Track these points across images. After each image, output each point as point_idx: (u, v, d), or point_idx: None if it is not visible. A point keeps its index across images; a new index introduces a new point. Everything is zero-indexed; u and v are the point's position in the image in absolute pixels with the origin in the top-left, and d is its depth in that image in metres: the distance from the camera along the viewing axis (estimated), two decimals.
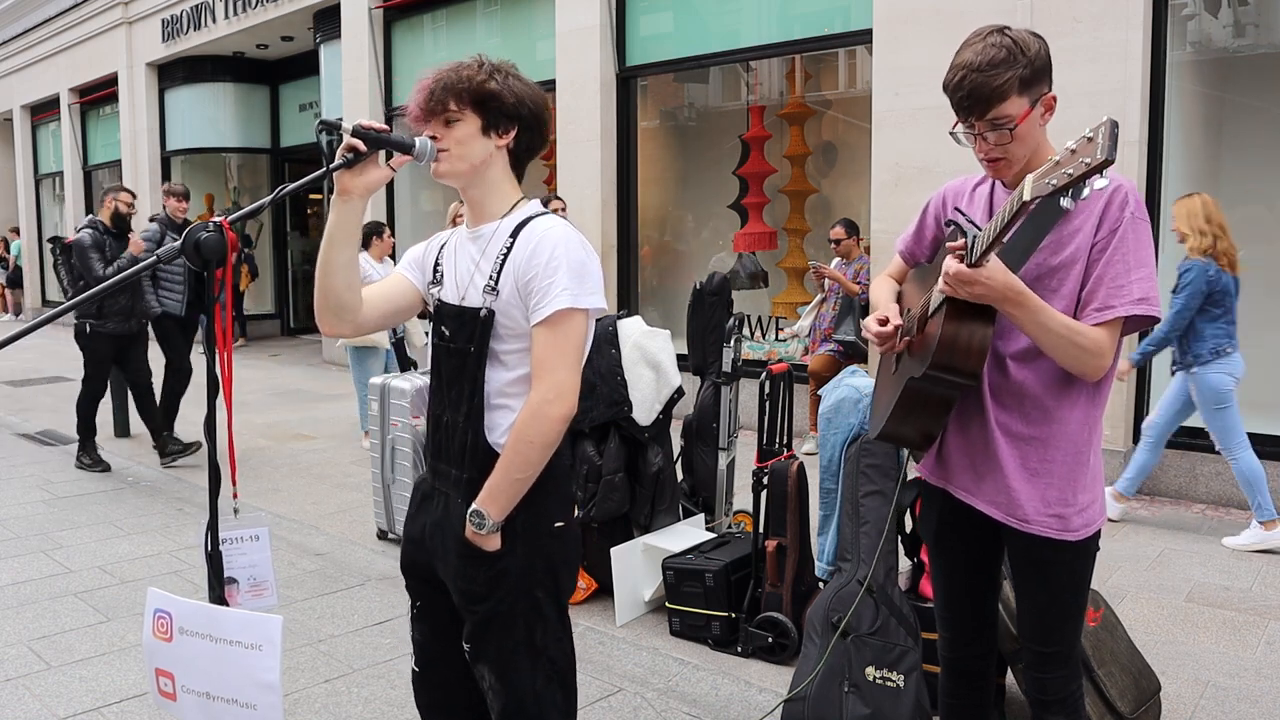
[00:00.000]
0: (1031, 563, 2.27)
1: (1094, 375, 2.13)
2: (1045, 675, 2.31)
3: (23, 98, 21.16)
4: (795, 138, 9.81)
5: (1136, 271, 2.07)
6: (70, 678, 3.84)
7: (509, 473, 2.06)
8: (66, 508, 6.25)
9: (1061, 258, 2.13)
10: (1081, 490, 2.19)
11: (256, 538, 2.41)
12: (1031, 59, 2.09)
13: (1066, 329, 2.07)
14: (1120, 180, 2.12)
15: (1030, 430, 2.18)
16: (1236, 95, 7.19)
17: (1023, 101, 2.10)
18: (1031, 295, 2.06)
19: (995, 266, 2.02)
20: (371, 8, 11.96)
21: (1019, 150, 2.14)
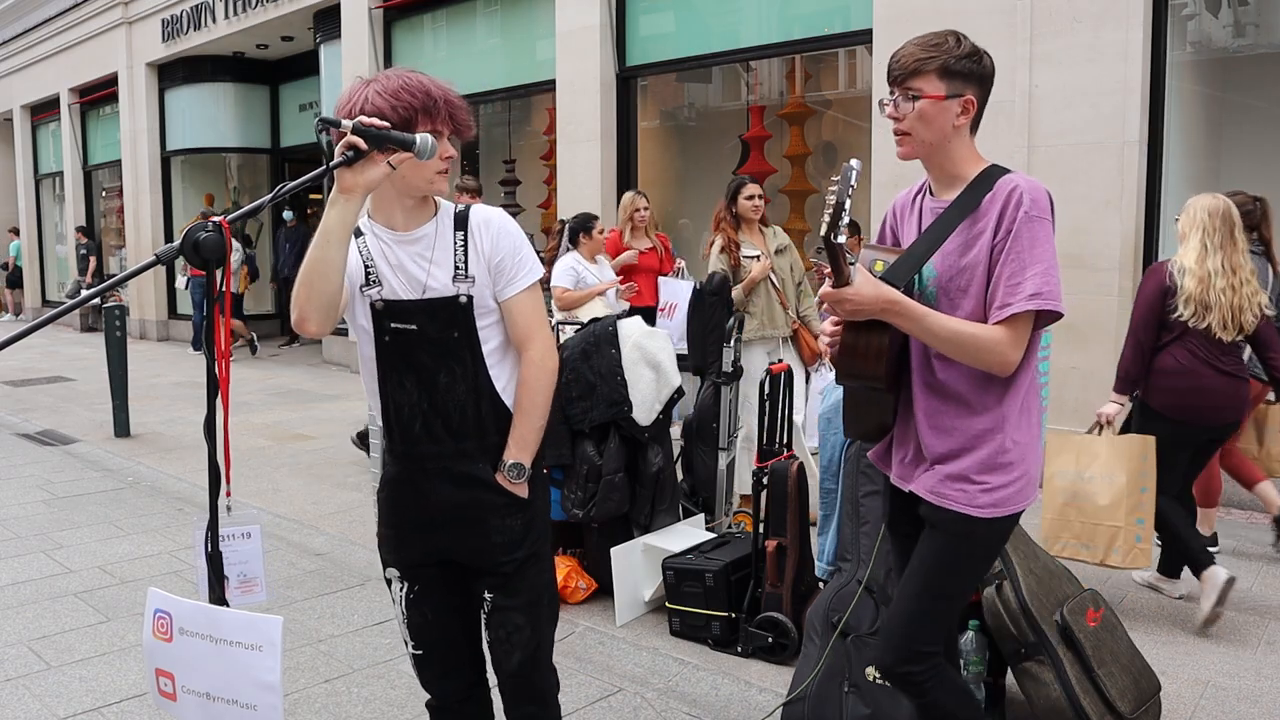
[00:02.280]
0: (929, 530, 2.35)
1: (1002, 371, 2.22)
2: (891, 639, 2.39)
3: (23, 98, 21.15)
4: (795, 138, 9.81)
5: (1032, 268, 2.16)
6: (70, 678, 3.84)
7: (532, 424, 2.34)
8: (66, 508, 6.25)
9: (968, 259, 2.25)
10: (992, 473, 2.26)
11: (248, 535, 2.41)
12: (963, 55, 2.26)
13: (953, 332, 2.19)
14: (1018, 180, 2.24)
15: (952, 421, 2.29)
16: (1236, 95, 7.19)
17: (939, 85, 2.26)
18: (910, 305, 2.19)
19: (862, 283, 2.17)
20: (371, 8, 11.96)
21: (922, 131, 2.29)
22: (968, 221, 2.26)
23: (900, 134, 2.33)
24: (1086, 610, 3.32)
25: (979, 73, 2.29)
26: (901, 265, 2.27)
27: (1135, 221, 6.20)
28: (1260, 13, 6.76)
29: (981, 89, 2.30)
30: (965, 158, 2.33)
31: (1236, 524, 5.75)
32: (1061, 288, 2.21)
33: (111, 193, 19.31)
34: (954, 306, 2.27)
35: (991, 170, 2.30)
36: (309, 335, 2.28)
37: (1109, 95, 6.15)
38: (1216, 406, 4.29)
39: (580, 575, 4.58)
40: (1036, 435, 2.33)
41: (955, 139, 2.30)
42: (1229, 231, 4.23)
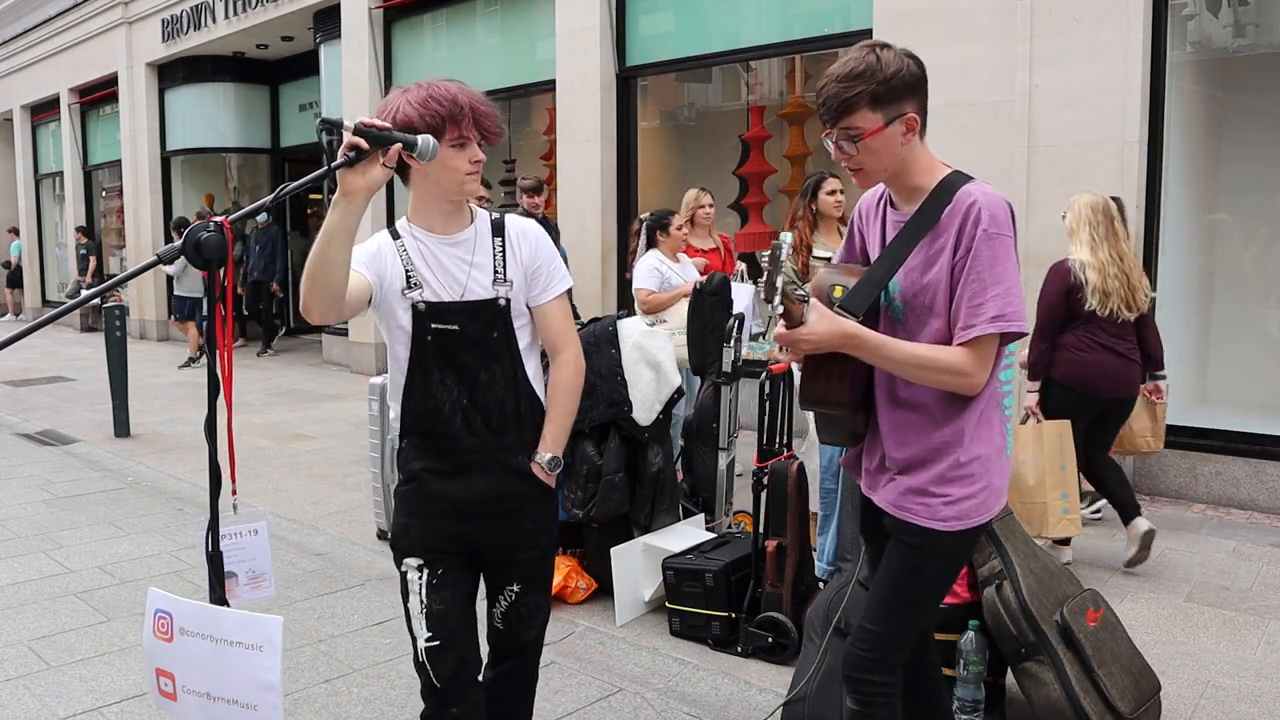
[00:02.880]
0: (894, 542, 2.34)
1: (969, 392, 2.19)
2: (854, 647, 2.36)
3: (23, 98, 21.14)
4: (795, 138, 9.80)
5: (993, 289, 2.12)
6: (70, 678, 3.84)
7: (566, 420, 2.53)
8: (66, 508, 6.26)
9: (929, 276, 2.21)
10: (952, 485, 2.24)
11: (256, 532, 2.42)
12: (887, 78, 2.16)
13: (916, 358, 2.17)
14: (976, 193, 2.18)
15: (914, 433, 2.27)
16: (1237, 95, 7.19)
17: (875, 116, 2.18)
18: (868, 336, 2.17)
19: (817, 321, 2.15)
20: (371, 8, 11.95)
21: (873, 163, 2.23)
22: (928, 238, 2.22)
23: (852, 170, 2.28)
24: (1086, 610, 3.32)
25: (911, 84, 2.22)
26: (860, 292, 2.24)
27: (1135, 221, 6.19)
28: (1260, 13, 6.76)
29: (918, 98, 2.24)
30: (922, 168, 2.28)
31: (1236, 524, 5.75)
32: (1024, 304, 2.17)
33: (111, 193, 19.31)
34: (921, 323, 2.24)
35: (950, 180, 2.25)
36: (313, 322, 2.32)
37: (1109, 95, 6.15)
38: (1109, 379, 4.80)
39: (580, 575, 4.58)
40: (999, 446, 2.30)
41: (908, 154, 2.26)
42: (1110, 224, 4.78)
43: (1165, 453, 6.28)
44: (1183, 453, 6.27)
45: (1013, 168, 6.50)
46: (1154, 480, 6.35)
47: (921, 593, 2.34)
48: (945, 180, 2.25)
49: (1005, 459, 2.32)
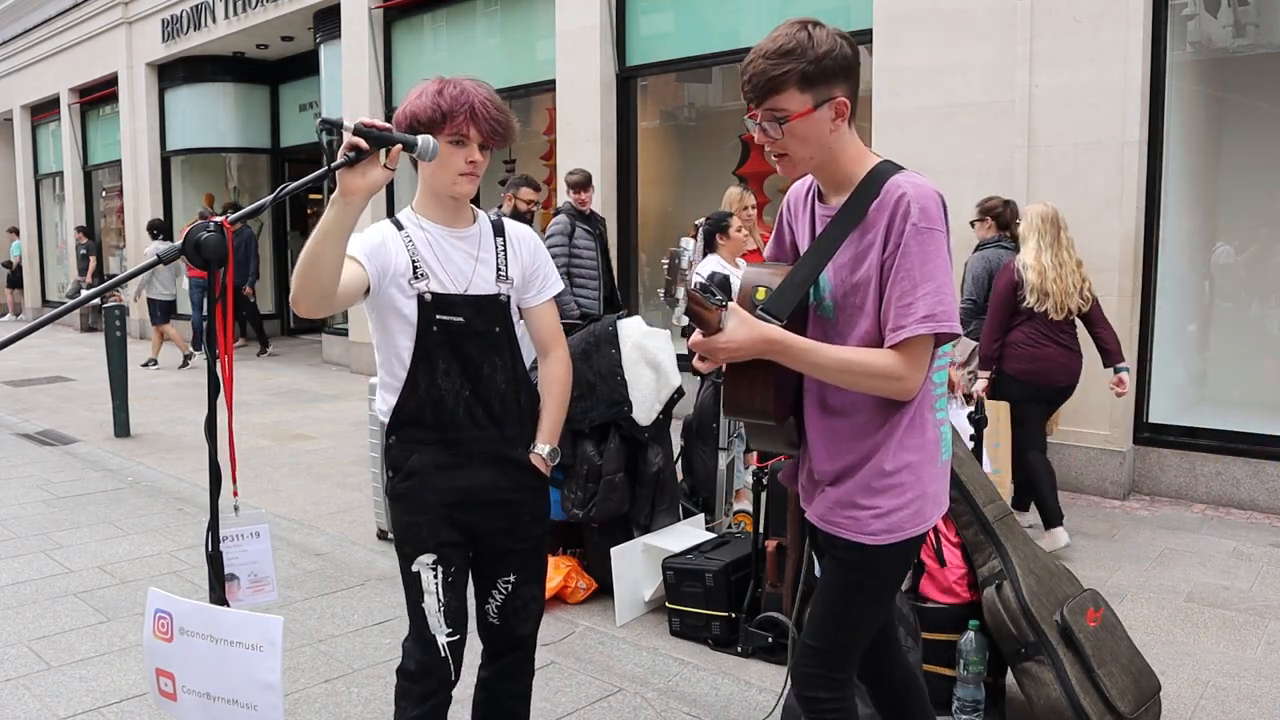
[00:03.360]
0: (829, 557, 2.25)
1: (902, 397, 2.06)
2: (800, 664, 2.27)
3: (23, 98, 21.15)
4: None
5: (923, 287, 1.98)
6: (70, 678, 3.84)
7: (561, 413, 2.63)
8: (66, 508, 6.25)
9: (859, 275, 2.07)
10: (880, 496, 2.11)
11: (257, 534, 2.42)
12: (818, 57, 2.00)
13: (844, 363, 2.03)
14: (905, 185, 2.03)
15: (843, 442, 2.15)
16: (1236, 95, 7.20)
17: (804, 98, 2.03)
18: (792, 342, 2.02)
19: (736, 327, 1.99)
20: (371, 8, 11.95)
21: (799, 150, 2.09)
22: (856, 233, 2.07)
23: (776, 156, 2.13)
24: (1086, 610, 3.32)
25: (843, 66, 2.04)
26: (783, 294, 2.09)
27: (1135, 221, 6.20)
28: (1260, 13, 6.76)
29: (849, 82, 2.07)
30: (851, 158, 2.12)
31: (1236, 524, 5.75)
32: (956, 303, 2.03)
33: (111, 193, 19.32)
34: (851, 324, 2.11)
35: (879, 171, 2.09)
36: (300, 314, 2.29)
37: (1109, 95, 6.16)
38: (1056, 368, 5.29)
39: (580, 575, 4.58)
40: (932, 452, 2.15)
41: (838, 141, 2.09)
42: (1056, 233, 5.24)
43: (1165, 452, 6.30)
44: (1182, 453, 6.28)
45: (1013, 168, 6.51)
46: (1154, 480, 6.35)
47: (860, 609, 2.22)
48: (874, 171, 2.09)
49: (941, 464, 2.18)
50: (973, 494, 3.49)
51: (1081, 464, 6.37)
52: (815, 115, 2.04)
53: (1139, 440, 6.40)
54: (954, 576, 3.50)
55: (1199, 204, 7.11)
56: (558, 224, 6.97)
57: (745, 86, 2.08)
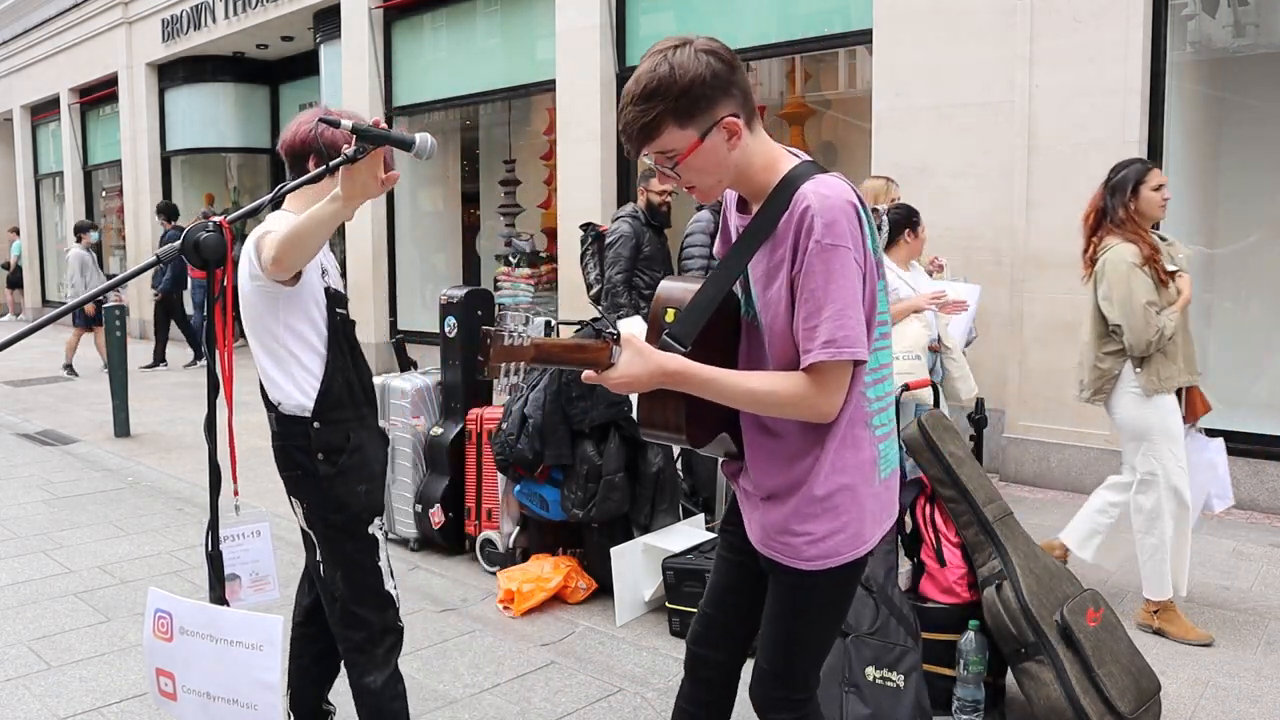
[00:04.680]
0: (772, 581, 2.16)
1: (821, 420, 1.96)
2: (756, 687, 2.22)
3: (23, 98, 21.14)
4: (795, 138, 9.82)
5: (826, 309, 1.87)
6: (70, 678, 3.84)
7: None
8: (67, 508, 6.26)
9: (771, 292, 1.98)
10: (812, 521, 2.02)
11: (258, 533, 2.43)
12: (685, 89, 1.88)
13: (749, 392, 1.94)
14: (810, 196, 1.90)
15: (777, 462, 2.06)
16: (1236, 95, 7.19)
17: (686, 134, 1.91)
18: (694, 372, 1.92)
19: (630, 361, 1.90)
20: (371, 7, 11.95)
21: (704, 179, 1.98)
22: (767, 247, 1.97)
23: (687, 188, 2.02)
24: (1086, 610, 3.32)
25: (718, 85, 1.91)
26: (687, 320, 1.98)
27: None
28: (1260, 13, 6.76)
29: (732, 96, 1.93)
30: (760, 167, 1.99)
31: (1237, 524, 5.75)
32: (861, 326, 1.91)
33: (111, 193, 19.31)
34: (772, 338, 2.02)
35: (790, 179, 1.96)
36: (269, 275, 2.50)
37: (1109, 95, 6.16)
38: None
39: (580, 575, 4.58)
40: (868, 473, 2.04)
41: (742, 158, 1.97)
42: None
43: None
44: None
45: (1012, 168, 6.51)
46: None
47: (806, 631, 2.15)
48: (786, 178, 1.97)
49: (880, 483, 2.07)
50: (973, 494, 3.49)
51: (1082, 464, 6.37)
52: (705, 145, 1.93)
53: None
54: (954, 576, 3.50)
55: (1198, 204, 7.10)
56: (699, 221, 6.26)
57: (623, 137, 1.98)
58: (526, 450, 4.50)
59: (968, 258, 6.74)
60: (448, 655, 3.97)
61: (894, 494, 2.14)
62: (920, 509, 3.65)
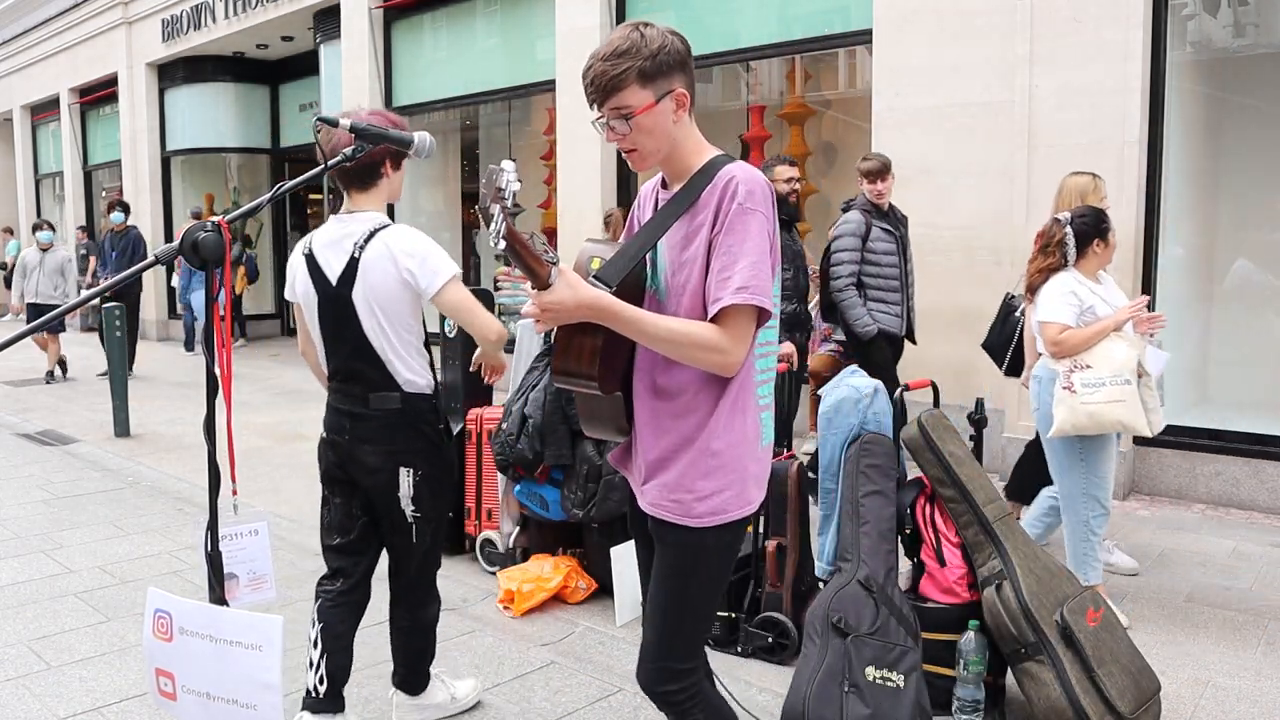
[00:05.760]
0: (658, 543, 2.28)
1: (726, 371, 2.11)
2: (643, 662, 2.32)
3: (23, 97, 21.16)
4: (795, 138, 9.81)
5: (741, 261, 2.06)
6: (70, 678, 3.84)
7: None
8: (67, 508, 6.25)
9: (688, 253, 2.15)
10: (703, 478, 2.16)
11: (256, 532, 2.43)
12: (654, 53, 2.11)
13: (669, 331, 2.08)
14: (735, 170, 2.13)
15: (667, 423, 2.19)
16: (1236, 95, 7.20)
17: (645, 94, 2.13)
18: (618, 307, 2.07)
19: (563, 288, 2.03)
20: (371, 7, 11.96)
21: (647, 143, 2.17)
22: (688, 214, 2.16)
23: (626, 151, 2.21)
24: (1086, 610, 3.32)
25: (677, 60, 2.15)
26: (615, 263, 2.15)
27: (1135, 222, 6.20)
28: (1260, 13, 6.77)
29: (685, 75, 2.18)
30: (690, 149, 2.22)
31: (1236, 524, 5.75)
32: (770, 283, 2.11)
33: (111, 192, 19.30)
34: (679, 303, 2.17)
35: (715, 160, 2.19)
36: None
37: (1109, 95, 6.16)
38: None
39: (580, 575, 4.58)
40: (753, 436, 2.21)
41: (680, 131, 2.20)
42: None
43: (1165, 452, 6.29)
44: (1183, 452, 6.27)
45: (1013, 168, 6.51)
46: (1154, 480, 6.35)
47: (694, 594, 2.27)
48: (711, 161, 2.19)
49: (763, 448, 2.24)
50: (972, 494, 3.49)
51: None
52: (658, 108, 2.14)
53: (1138, 440, 6.40)
54: (954, 576, 3.50)
55: (1199, 204, 7.11)
56: (848, 223, 5.80)
57: (589, 89, 2.18)
58: (526, 450, 4.50)
59: (968, 258, 6.75)
60: (448, 655, 3.97)
61: (768, 466, 2.30)
62: (920, 509, 3.65)
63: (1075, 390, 4.03)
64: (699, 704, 2.30)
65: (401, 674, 3.42)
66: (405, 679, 3.41)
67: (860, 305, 5.77)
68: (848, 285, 5.79)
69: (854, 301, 5.77)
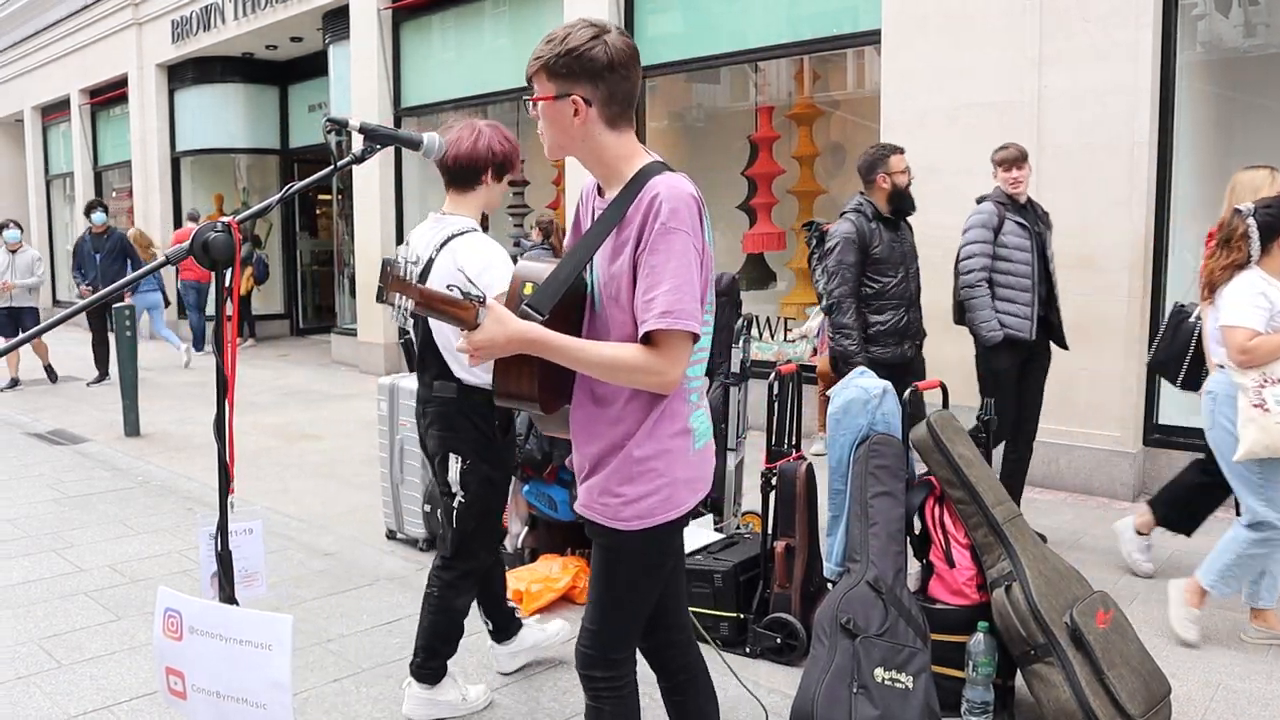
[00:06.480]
0: (594, 545, 2.35)
1: (663, 390, 2.15)
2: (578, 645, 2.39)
3: (34, 99, 21.24)
4: (804, 138, 9.80)
5: (664, 284, 2.06)
6: (81, 676, 3.85)
7: None
8: (77, 507, 6.28)
9: (616, 265, 2.16)
10: (628, 483, 2.20)
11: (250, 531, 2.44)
12: (564, 53, 2.13)
13: (601, 360, 2.12)
14: (660, 186, 2.11)
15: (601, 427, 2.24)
16: (1247, 95, 7.17)
17: (549, 85, 2.18)
18: (552, 340, 2.09)
19: (491, 325, 2.06)
20: (380, 8, 11.98)
21: (549, 132, 2.22)
22: (616, 229, 2.16)
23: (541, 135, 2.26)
24: (1096, 612, 3.31)
25: (587, 68, 2.13)
26: (546, 290, 2.15)
27: (1145, 222, 6.18)
28: (1271, 13, 6.74)
29: (593, 85, 2.15)
30: (616, 157, 2.21)
31: None
32: (696, 302, 2.10)
33: (121, 193, 19.37)
34: (612, 316, 2.19)
35: (644, 171, 2.18)
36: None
37: (1118, 96, 6.14)
38: None
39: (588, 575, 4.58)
40: (683, 443, 2.23)
41: (587, 139, 2.19)
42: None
43: (1175, 454, 6.26)
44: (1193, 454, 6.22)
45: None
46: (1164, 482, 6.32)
47: (623, 592, 2.32)
48: (641, 170, 2.18)
49: (694, 453, 2.26)
50: (981, 495, 3.49)
51: (1091, 466, 6.35)
52: (556, 104, 2.17)
53: (1149, 442, 6.38)
54: (963, 578, 3.50)
55: (1209, 205, 7.07)
56: (979, 214, 5.32)
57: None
58: (535, 450, 4.50)
59: None
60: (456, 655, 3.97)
61: (708, 465, 2.33)
62: (929, 510, 3.65)
63: (1269, 408, 3.65)
64: (614, 699, 2.37)
65: (420, 659, 3.46)
66: (422, 666, 3.45)
67: (988, 306, 5.22)
68: (979, 281, 5.24)
69: (983, 301, 5.23)
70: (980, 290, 5.23)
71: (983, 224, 5.25)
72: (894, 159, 5.15)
